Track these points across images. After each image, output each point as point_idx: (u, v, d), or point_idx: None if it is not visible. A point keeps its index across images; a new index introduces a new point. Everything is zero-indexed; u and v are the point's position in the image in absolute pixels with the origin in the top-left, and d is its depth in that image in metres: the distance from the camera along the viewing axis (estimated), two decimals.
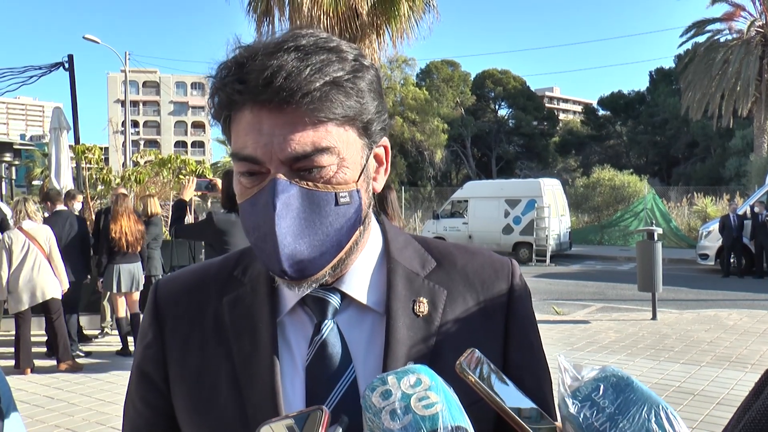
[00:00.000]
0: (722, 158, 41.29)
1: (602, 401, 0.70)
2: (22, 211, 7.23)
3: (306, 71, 0.82)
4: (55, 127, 11.26)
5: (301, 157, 0.84)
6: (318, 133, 0.84)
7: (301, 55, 0.83)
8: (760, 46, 31.04)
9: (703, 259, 17.64)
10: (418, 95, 48.88)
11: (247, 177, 0.88)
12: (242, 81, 0.83)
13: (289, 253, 0.85)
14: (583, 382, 0.73)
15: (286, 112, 0.83)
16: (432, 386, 0.72)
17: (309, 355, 0.92)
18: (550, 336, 9.02)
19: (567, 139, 60.38)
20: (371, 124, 0.91)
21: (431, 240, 1.09)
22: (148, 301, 1.06)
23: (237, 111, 0.87)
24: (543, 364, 1.05)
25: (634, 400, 0.70)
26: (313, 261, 0.87)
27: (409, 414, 0.69)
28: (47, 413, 5.87)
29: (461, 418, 0.71)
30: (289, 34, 0.87)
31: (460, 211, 23.13)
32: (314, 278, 0.89)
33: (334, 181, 0.87)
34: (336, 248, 0.89)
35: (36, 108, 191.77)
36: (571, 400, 0.71)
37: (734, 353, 7.90)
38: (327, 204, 0.86)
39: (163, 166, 12.58)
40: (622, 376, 0.72)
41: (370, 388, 0.74)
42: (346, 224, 0.89)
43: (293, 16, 15.65)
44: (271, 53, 0.83)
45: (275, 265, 0.86)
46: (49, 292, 7.17)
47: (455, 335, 0.96)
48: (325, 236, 0.87)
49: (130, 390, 1.05)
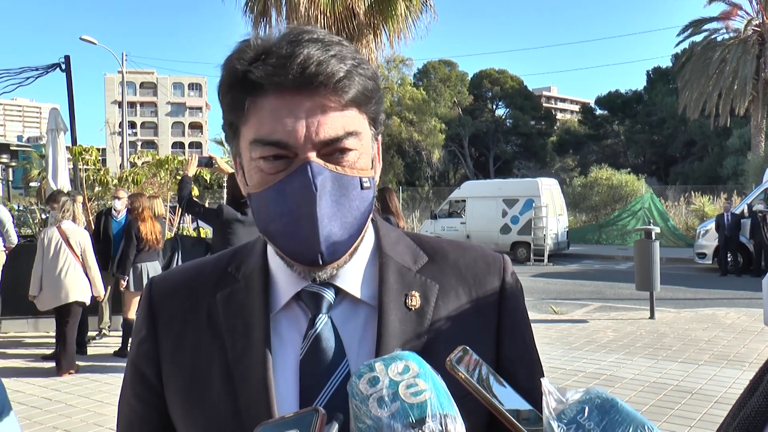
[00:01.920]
0: (720, 157, 41.36)
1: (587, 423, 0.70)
2: (69, 211, 7.14)
3: (332, 60, 0.85)
4: (52, 128, 11.24)
5: (332, 141, 0.87)
6: (346, 118, 0.88)
7: (322, 45, 0.86)
8: (757, 45, 31.12)
9: (700, 258, 17.67)
10: (416, 95, 48.90)
11: (270, 162, 0.88)
12: (275, 66, 0.85)
13: (326, 234, 0.87)
14: (568, 404, 0.72)
15: (317, 97, 0.86)
16: (420, 373, 0.72)
17: (303, 350, 0.93)
18: (549, 335, 9.02)
19: (564, 139, 60.43)
20: (378, 114, 0.95)
21: (424, 236, 1.10)
22: (143, 297, 1.06)
23: (261, 97, 0.87)
24: (535, 358, 1.05)
25: (619, 421, 0.69)
26: (343, 243, 0.90)
27: (397, 401, 0.69)
28: (45, 414, 5.86)
29: (450, 406, 0.71)
30: (297, 30, 0.89)
31: (457, 211, 23.14)
32: (338, 262, 0.92)
33: (357, 165, 0.90)
34: (359, 231, 0.92)
35: (33, 109, 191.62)
36: (557, 423, 0.71)
37: (732, 352, 7.91)
38: (354, 188, 0.90)
39: (161, 167, 12.55)
40: (606, 398, 0.71)
41: (357, 374, 0.73)
42: (368, 208, 0.93)
43: (290, 15, 15.66)
44: (295, 42, 0.86)
45: (313, 248, 0.88)
46: (73, 295, 7.06)
47: (447, 329, 0.97)
48: (353, 219, 0.90)
49: (125, 386, 1.05)
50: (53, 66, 12.73)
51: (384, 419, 0.68)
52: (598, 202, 28.33)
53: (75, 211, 7.16)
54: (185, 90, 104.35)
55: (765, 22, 31.47)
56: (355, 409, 0.71)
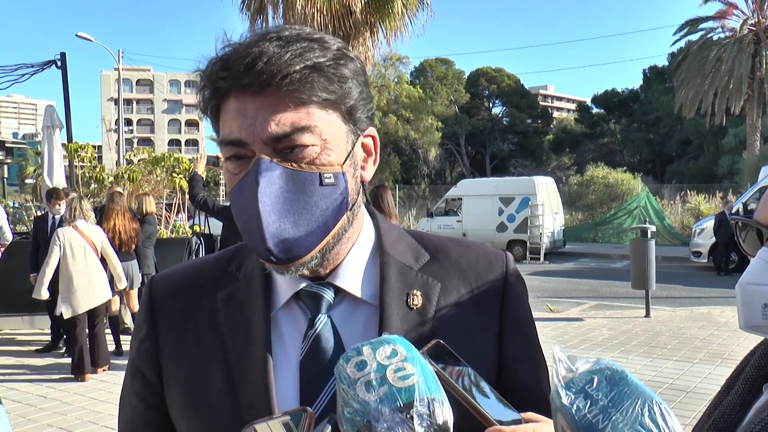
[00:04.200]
0: (715, 156, 41.42)
1: (596, 393, 0.70)
2: (77, 209, 7.03)
3: (286, 56, 0.84)
4: (48, 125, 11.22)
5: (281, 137, 0.86)
6: (298, 114, 0.86)
7: (282, 43, 0.86)
8: (752, 44, 31.18)
9: (696, 257, 17.70)
10: (412, 93, 48.83)
11: (234, 162, 0.89)
12: (226, 69, 0.86)
13: (273, 232, 0.85)
14: (578, 374, 0.72)
15: (267, 95, 0.85)
16: (408, 357, 0.72)
17: (303, 350, 0.92)
18: (544, 333, 9.03)
19: (561, 137, 60.45)
20: (355, 110, 0.92)
21: (425, 234, 1.09)
22: (143, 297, 1.06)
23: (223, 100, 0.89)
24: (539, 354, 1.05)
25: (628, 393, 0.69)
26: (299, 241, 0.87)
27: (385, 385, 0.69)
28: (39, 412, 5.84)
29: (437, 390, 0.71)
30: (273, 29, 0.89)
31: (454, 209, 23.16)
32: (301, 261, 0.89)
33: (317, 162, 0.88)
34: (323, 230, 0.89)
35: (28, 106, 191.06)
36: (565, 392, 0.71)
37: (727, 350, 7.94)
38: (311, 184, 0.87)
39: (157, 165, 12.52)
40: (616, 370, 0.72)
41: (344, 358, 0.73)
42: (331, 205, 0.89)
43: (287, 13, 15.64)
44: (254, 43, 0.86)
45: (260, 245, 0.86)
46: (104, 294, 7.08)
47: (449, 328, 0.96)
48: (310, 216, 0.87)
49: (125, 385, 1.05)
50: (49, 63, 12.72)
51: (371, 403, 0.68)
52: (594, 200, 28.35)
53: (83, 208, 7.08)
54: (182, 87, 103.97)
55: (760, 22, 31.54)
56: (343, 393, 0.71)
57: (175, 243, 10.06)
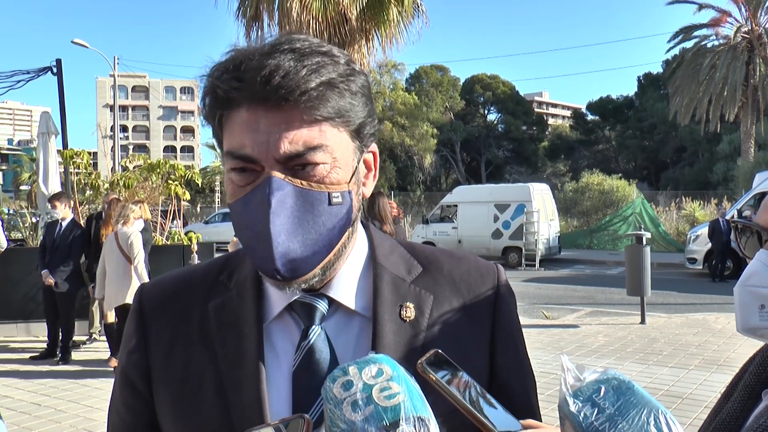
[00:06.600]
0: (710, 163, 41.59)
1: (603, 402, 0.71)
2: (128, 216, 7.36)
3: (303, 71, 0.83)
4: (43, 131, 11.19)
5: (294, 156, 0.84)
6: (311, 132, 0.85)
7: (297, 56, 0.84)
8: (746, 52, 31.36)
9: (691, 263, 17.73)
10: (408, 100, 48.94)
11: (238, 174, 0.87)
12: (240, 79, 0.84)
13: (282, 252, 0.84)
14: (585, 383, 0.74)
15: (283, 111, 0.84)
16: (394, 376, 0.72)
17: (296, 361, 0.92)
18: (540, 340, 9.03)
19: (556, 144, 60.63)
20: (363, 127, 0.92)
21: (417, 245, 1.09)
22: (132, 305, 1.05)
23: (232, 110, 0.87)
24: (528, 368, 1.06)
25: (634, 403, 0.71)
26: (305, 260, 0.87)
27: (371, 405, 0.69)
28: (34, 420, 5.81)
29: (423, 409, 0.71)
30: (282, 38, 0.88)
31: (449, 216, 23.14)
32: (304, 278, 0.88)
33: (327, 180, 0.87)
34: (327, 248, 0.89)
35: (24, 112, 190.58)
36: (573, 400, 0.73)
37: (722, 357, 7.94)
38: (320, 203, 0.87)
39: (152, 171, 12.47)
40: (623, 380, 0.73)
41: (330, 378, 0.73)
42: (337, 224, 0.89)
43: (282, 20, 15.66)
44: (268, 53, 0.84)
45: (268, 264, 0.85)
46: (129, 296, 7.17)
47: (442, 340, 0.96)
48: (317, 235, 0.87)
49: (114, 395, 1.04)
50: (44, 69, 12.70)
51: (358, 423, 0.68)
52: (590, 207, 28.42)
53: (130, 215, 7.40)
54: (177, 94, 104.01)
55: (754, 29, 31.71)
56: (330, 413, 0.71)
57: (170, 250, 10.04)
